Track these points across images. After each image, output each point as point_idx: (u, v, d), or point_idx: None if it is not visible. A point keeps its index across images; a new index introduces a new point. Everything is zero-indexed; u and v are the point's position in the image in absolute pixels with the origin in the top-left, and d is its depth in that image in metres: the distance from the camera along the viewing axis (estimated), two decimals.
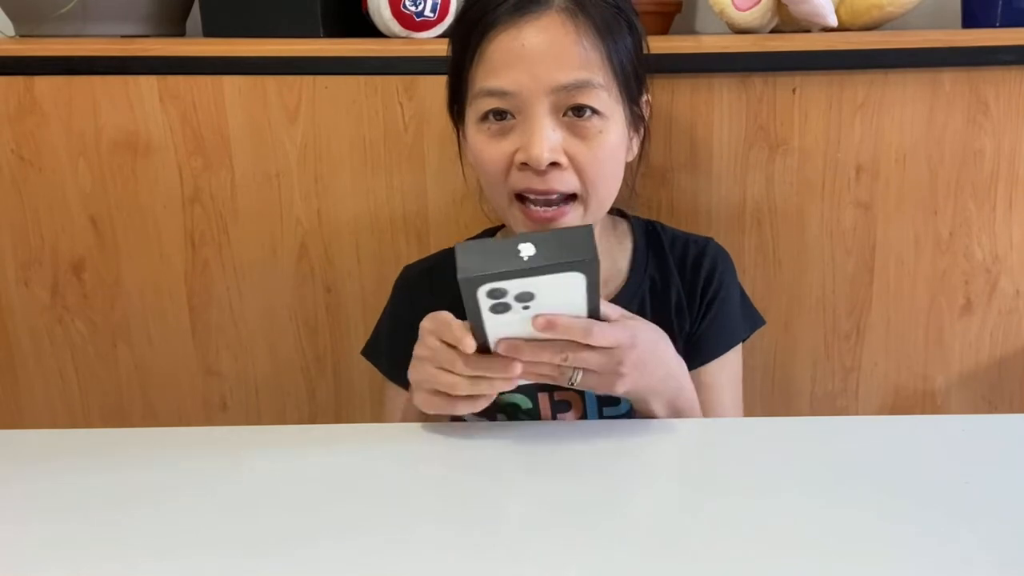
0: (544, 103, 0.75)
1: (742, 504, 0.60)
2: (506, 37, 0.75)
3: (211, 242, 1.08)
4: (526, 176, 0.77)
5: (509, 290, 0.61)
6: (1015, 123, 1.03)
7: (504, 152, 0.77)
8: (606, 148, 0.77)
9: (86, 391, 1.14)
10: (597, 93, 0.76)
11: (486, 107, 0.77)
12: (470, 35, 0.77)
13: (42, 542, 0.57)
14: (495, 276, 0.60)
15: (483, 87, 0.76)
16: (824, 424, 0.74)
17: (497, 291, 0.61)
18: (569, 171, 0.76)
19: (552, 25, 0.75)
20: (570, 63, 0.75)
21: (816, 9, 1.00)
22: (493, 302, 0.62)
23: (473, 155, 0.81)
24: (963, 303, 1.10)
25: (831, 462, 0.66)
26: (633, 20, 0.81)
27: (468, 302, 0.62)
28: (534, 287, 0.61)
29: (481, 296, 0.61)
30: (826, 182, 1.06)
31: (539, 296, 0.62)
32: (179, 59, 1.03)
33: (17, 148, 1.06)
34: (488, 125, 0.78)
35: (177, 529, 0.59)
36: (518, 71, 0.75)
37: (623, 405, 0.85)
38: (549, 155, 0.74)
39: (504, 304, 0.63)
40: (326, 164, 1.06)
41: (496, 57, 0.76)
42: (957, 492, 0.62)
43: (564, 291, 0.63)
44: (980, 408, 1.12)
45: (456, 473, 0.66)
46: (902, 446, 0.68)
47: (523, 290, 0.61)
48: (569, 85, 0.75)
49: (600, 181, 0.78)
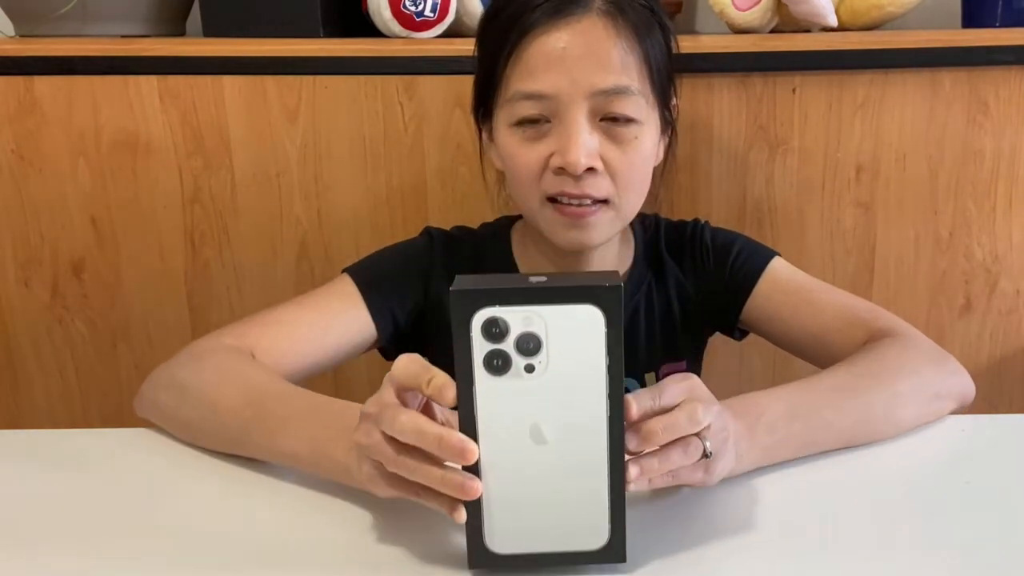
0: (582, 107, 0.73)
1: (739, 504, 0.60)
2: (545, 40, 0.73)
3: (211, 242, 1.08)
4: (561, 180, 0.75)
5: (511, 325, 0.48)
6: (1015, 123, 1.03)
7: (539, 155, 0.76)
8: (640, 154, 0.77)
9: (86, 391, 1.14)
10: (635, 100, 0.75)
11: (522, 112, 0.75)
12: (506, 36, 0.75)
13: (42, 542, 0.57)
14: (495, 297, 0.48)
15: (519, 90, 0.75)
16: None
17: (496, 325, 0.48)
18: (604, 176, 0.75)
19: (592, 28, 0.74)
20: (609, 67, 0.73)
21: (816, 9, 1.00)
22: (490, 347, 0.48)
23: (504, 158, 0.79)
24: (963, 303, 1.10)
25: (832, 462, 0.66)
26: (665, 20, 0.80)
27: (459, 341, 0.48)
28: (540, 324, 0.48)
29: (476, 334, 0.48)
30: (826, 182, 1.06)
31: (547, 344, 0.48)
32: (179, 59, 1.03)
33: (17, 148, 1.06)
34: (523, 129, 0.76)
35: (177, 529, 0.59)
36: (556, 74, 0.73)
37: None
38: (586, 160, 0.73)
39: (503, 358, 0.48)
40: (326, 164, 1.06)
41: (534, 59, 0.74)
42: (957, 492, 0.62)
43: (579, 338, 0.49)
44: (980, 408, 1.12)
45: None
46: (902, 446, 0.68)
47: (527, 329, 0.48)
48: (608, 90, 0.73)
49: (633, 187, 0.78)
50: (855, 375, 0.71)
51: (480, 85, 0.81)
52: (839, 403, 0.67)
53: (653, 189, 0.82)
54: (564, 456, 0.50)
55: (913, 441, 0.69)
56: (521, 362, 0.49)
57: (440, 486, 0.50)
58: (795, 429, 0.63)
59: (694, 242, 0.89)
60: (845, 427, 0.67)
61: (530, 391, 0.49)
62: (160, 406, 0.72)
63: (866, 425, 0.68)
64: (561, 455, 0.50)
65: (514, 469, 0.51)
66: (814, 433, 0.65)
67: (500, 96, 0.78)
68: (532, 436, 0.50)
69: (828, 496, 0.61)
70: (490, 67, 0.78)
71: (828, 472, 0.64)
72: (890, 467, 0.65)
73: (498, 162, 0.83)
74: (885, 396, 0.69)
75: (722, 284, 0.87)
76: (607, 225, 0.78)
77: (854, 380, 0.70)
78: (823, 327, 0.80)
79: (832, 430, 0.66)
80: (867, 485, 0.62)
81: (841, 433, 0.67)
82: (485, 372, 0.49)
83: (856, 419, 0.67)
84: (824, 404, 0.66)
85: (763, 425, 0.62)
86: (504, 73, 0.76)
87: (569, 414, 0.50)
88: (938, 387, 0.72)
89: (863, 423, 0.68)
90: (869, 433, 0.68)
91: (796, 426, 0.63)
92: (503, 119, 0.78)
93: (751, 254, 0.87)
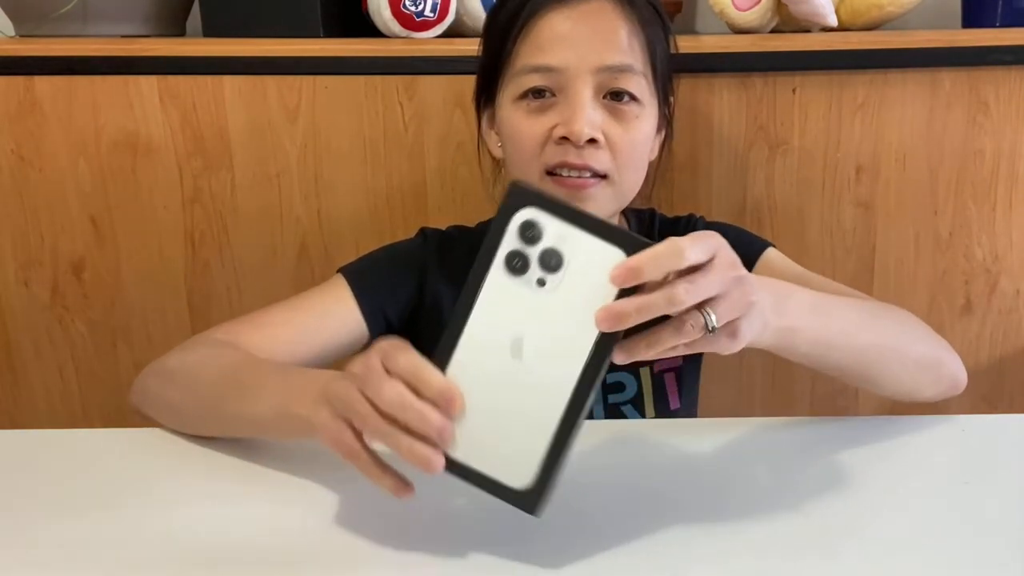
0: (588, 82, 0.76)
1: (741, 504, 0.60)
2: (556, 16, 0.77)
3: (211, 242, 1.08)
4: (563, 149, 0.77)
5: (544, 235, 0.49)
6: (1015, 123, 1.03)
7: (543, 126, 0.77)
8: (640, 133, 0.79)
9: (86, 391, 1.14)
10: (638, 80, 0.77)
11: (528, 84, 0.77)
12: (515, 16, 0.78)
13: (42, 542, 0.57)
14: (546, 203, 0.49)
15: (528, 63, 0.77)
16: (824, 424, 0.74)
17: (533, 227, 0.49)
18: (604, 150, 0.77)
19: (602, 10, 0.77)
20: (617, 46, 0.77)
21: (816, 9, 1.00)
22: (517, 247, 0.50)
23: (506, 131, 0.81)
24: (963, 303, 1.10)
25: (831, 462, 0.66)
26: (667, 22, 0.83)
27: (494, 229, 0.50)
28: (570, 247, 0.49)
29: (511, 228, 0.50)
30: (826, 182, 1.06)
31: (566, 267, 0.49)
32: (179, 59, 1.03)
33: (17, 148, 1.06)
34: (527, 102, 0.78)
35: (177, 529, 0.59)
36: (565, 49, 0.76)
37: (628, 390, 0.85)
38: (589, 130, 0.75)
39: (524, 261, 0.50)
40: (326, 164, 1.06)
41: (544, 35, 0.77)
42: (957, 492, 0.62)
43: (597, 275, 0.49)
44: (980, 408, 1.12)
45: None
46: (902, 446, 0.68)
47: (556, 245, 0.49)
48: (614, 67, 0.76)
49: (631, 165, 0.79)
50: (873, 305, 0.73)
51: (486, 67, 0.83)
52: (857, 318, 0.67)
53: (647, 185, 0.83)
54: (531, 380, 0.50)
55: (913, 441, 0.69)
56: (537, 273, 0.50)
57: (407, 455, 0.50)
58: (816, 323, 0.62)
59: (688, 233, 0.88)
60: (858, 342, 0.66)
61: (531, 304, 0.50)
62: (147, 393, 0.73)
63: (876, 351, 0.67)
64: (529, 377, 0.50)
65: (481, 374, 0.51)
66: (831, 335, 0.63)
67: (507, 73, 0.80)
68: (511, 348, 0.50)
69: (826, 496, 0.61)
70: (497, 48, 0.80)
71: (827, 472, 0.64)
72: (890, 467, 0.65)
73: (496, 148, 0.84)
74: (897, 330, 0.71)
75: None
76: (606, 201, 0.79)
77: (872, 308, 0.72)
78: None
79: (848, 338, 0.65)
80: (866, 485, 0.62)
81: (853, 346, 0.65)
82: (502, 266, 0.50)
83: (870, 340, 0.67)
84: (844, 314, 0.66)
85: (790, 305, 0.59)
86: (513, 50, 0.79)
87: (554, 343, 0.50)
88: (938, 353, 0.73)
89: (874, 346, 0.67)
90: (876, 360, 0.68)
91: (817, 320, 0.62)
92: (508, 95, 0.79)
93: (746, 243, 0.87)
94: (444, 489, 0.63)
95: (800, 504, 0.60)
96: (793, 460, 0.66)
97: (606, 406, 0.87)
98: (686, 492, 0.62)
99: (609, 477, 0.65)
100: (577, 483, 0.63)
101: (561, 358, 0.50)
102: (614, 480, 0.64)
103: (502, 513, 0.51)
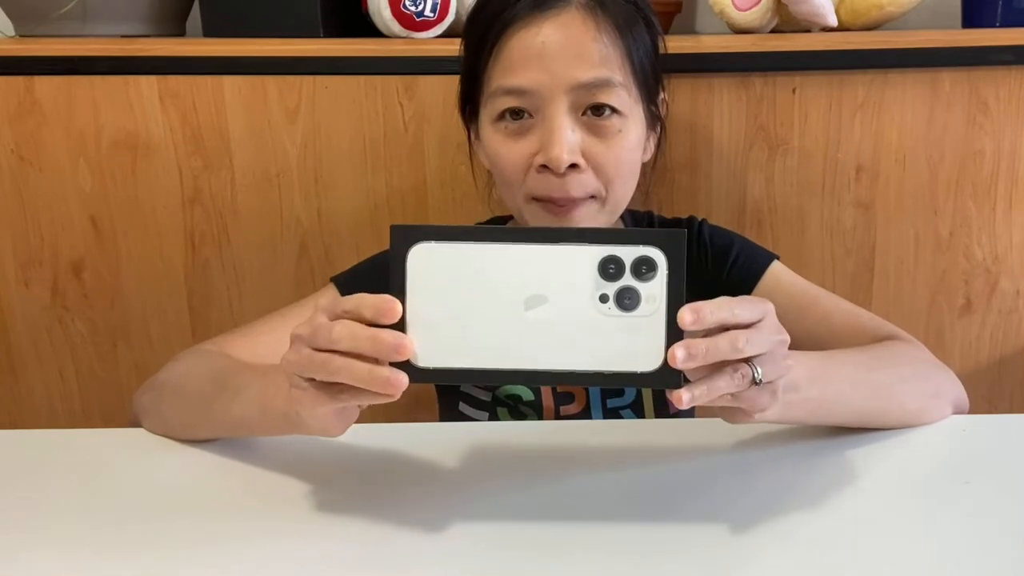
0: (563, 102, 0.73)
1: (741, 504, 0.60)
2: (525, 34, 0.74)
3: (211, 242, 1.08)
4: (545, 179, 0.75)
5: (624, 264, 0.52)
6: (1015, 123, 1.03)
7: (522, 153, 0.76)
8: (625, 148, 0.76)
9: (86, 391, 1.14)
10: (616, 92, 0.74)
11: (503, 106, 0.75)
12: (487, 32, 0.76)
13: (42, 542, 0.57)
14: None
15: (500, 85, 0.75)
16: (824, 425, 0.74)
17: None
18: (588, 173, 0.75)
19: (572, 22, 0.74)
20: (590, 60, 0.73)
21: (816, 9, 1.00)
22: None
23: (489, 155, 0.80)
24: (963, 303, 1.10)
25: (831, 463, 0.66)
26: (651, 17, 0.80)
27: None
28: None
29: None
30: (826, 182, 1.06)
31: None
32: (179, 59, 1.03)
33: (17, 148, 1.06)
34: (505, 124, 0.76)
35: (177, 529, 0.59)
36: (536, 69, 0.73)
37: (628, 395, 0.85)
38: (569, 156, 0.73)
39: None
40: (326, 164, 1.06)
41: (514, 55, 0.74)
42: (957, 492, 0.62)
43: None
44: (980, 408, 1.12)
45: (456, 475, 0.66)
46: (902, 446, 0.68)
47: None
48: (588, 83, 0.73)
49: (618, 181, 0.77)
50: (868, 355, 0.72)
51: (465, 83, 0.81)
52: (853, 377, 0.67)
53: (643, 186, 0.82)
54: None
55: (913, 441, 0.69)
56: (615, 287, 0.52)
57: (367, 382, 0.50)
58: (813, 393, 0.62)
59: (690, 239, 0.88)
60: (856, 401, 0.67)
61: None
62: (144, 409, 0.74)
63: (875, 402, 0.68)
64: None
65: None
66: (828, 402, 0.65)
67: (484, 92, 0.78)
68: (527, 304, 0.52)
69: (826, 496, 0.61)
70: (473, 64, 0.78)
71: (827, 472, 0.64)
72: (890, 467, 0.65)
73: (486, 161, 0.83)
74: (893, 379, 0.70)
75: (720, 284, 0.86)
76: (593, 216, 0.78)
77: (868, 359, 0.71)
78: (831, 331, 0.80)
79: (845, 402, 0.66)
80: (866, 485, 0.63)
81: (851, 406, 0.67)
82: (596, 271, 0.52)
83: (866, 395, 0.68)
84: (840, 376, 0.66)
85: (788, 381, 0.60)
86: (486, 69, 0.77)
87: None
88: (939, 386, 0.73)
89: (872, 399, 0.68)
90: (876, 412, 0.68)
91: (815, 390, 0.62)
92: (487, 116, 0.78)
93: (751, 255, 0.87)
94: (443, 489, 0.63)
95: (800, 504, 0.60)
96: (793, 461, 0.66)
97: (605, 411, 0.86)
98: (686, 492, 0.62)
99: (609, 477, 0.65)
100: (577, 483, 0.64)
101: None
102: (614, 480, 0.64)
103: (501, 514, 0.51)
